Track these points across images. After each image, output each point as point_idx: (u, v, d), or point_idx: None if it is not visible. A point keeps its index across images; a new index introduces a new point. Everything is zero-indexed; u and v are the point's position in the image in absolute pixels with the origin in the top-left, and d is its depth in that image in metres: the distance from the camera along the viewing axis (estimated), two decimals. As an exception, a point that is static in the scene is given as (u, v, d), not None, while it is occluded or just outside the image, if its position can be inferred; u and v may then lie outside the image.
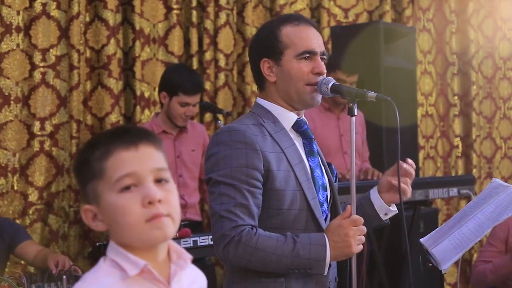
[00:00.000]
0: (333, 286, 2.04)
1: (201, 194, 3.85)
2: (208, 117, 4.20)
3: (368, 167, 4.07)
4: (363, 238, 1.93)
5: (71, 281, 2.68)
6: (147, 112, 4.06)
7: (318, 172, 2.03)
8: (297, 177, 1.96)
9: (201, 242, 3.14)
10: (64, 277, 2.70)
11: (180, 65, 3.98)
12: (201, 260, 3.18)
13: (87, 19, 3.89)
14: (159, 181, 1.30)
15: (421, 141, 5.09)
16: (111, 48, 3.86)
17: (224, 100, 4.28)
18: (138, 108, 4.01)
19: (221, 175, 1.91)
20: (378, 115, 4.18)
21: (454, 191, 3.71)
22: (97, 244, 3.24)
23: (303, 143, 2.05)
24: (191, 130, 3.80)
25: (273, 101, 2.05)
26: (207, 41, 4.21)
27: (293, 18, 2.07)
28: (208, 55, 4.22)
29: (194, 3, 4.20)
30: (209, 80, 4.22)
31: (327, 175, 2.08)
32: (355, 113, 2.00)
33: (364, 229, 1.92)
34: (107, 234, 3.48)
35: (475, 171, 5.30)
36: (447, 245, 2.36)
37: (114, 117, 3.88)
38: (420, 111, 5.06)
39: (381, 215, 2.08)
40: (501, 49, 5.62)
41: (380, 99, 1.98)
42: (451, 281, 5.02)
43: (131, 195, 1.27)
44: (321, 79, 2.02)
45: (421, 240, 2.45)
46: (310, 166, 2.02)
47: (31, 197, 3.66)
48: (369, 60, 4.13)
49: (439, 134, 5.27)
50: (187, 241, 3.11)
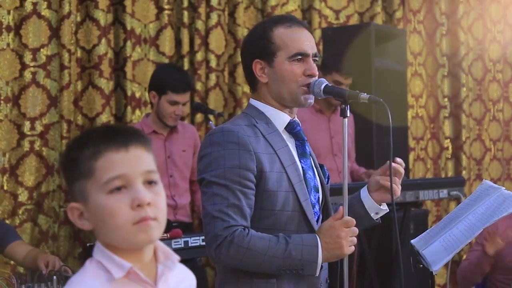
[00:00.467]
0: (324, 287, 2.04)
1: (191, 195, 3.85)
2: (199, 117, 4.20)
3: (356, 168, 4.09)
4: (355, 239, 1.93)
5: (62, 282, 2.67)
6: (138, 112, 4.05)
7: (310, 173, 2.04)
8: (289, 179, 1.96)
9: (192, 243, 3.14)
10: (54, 277, 2.69)
11: (168, 65, 3.98)
12: (192, 260, 3.17)
13: (78, 19, 3.87)
14: (148, 183, 1.30)
15: (411, 143, 5.11)
16: (102, 48, 3.85)
17: (215, 100, 4.28)
18: (129, 108, 4.00)
19: (214, 176, 1.91)
20: (368, 116, 4.19)
21: (444, 193, 3.73)
22: (88, 244, 3.23)
23: (295, 144, 2.06)
24: (182, 130, 3.79)
25: (266, 102, 2.05)
26: (198, 41, 4.21)
27: (286, 19, 2.07)
28: (199, 56, 4.22)
29: (185, 4, 4.19)
30: (200, 80, 4.22)
31: (319, 177, 2.09)
32: (348, 115, 2.01)
33: (356, 230, 1.93)
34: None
35: (464, 172, 5.32)
36: (438, 247, 2.37)
37: (105, 117, 3.87)
38: (410, 113, 5.08)
39: (372, 215, 2.09)
40: (490, 52, 5.65)
41: (372, 100, 1.98)
42: (440, 282, 5.04)
43: (120, 197, 1.27)
44: (314, 80, 2.02)
45: (412, 241, 2.46)
46: (302, 167, 2.02)
47: (21, 197, 3.64)
48: (360, 61, 4.14)
49: (429, 135, 5.29)
50: (178, 241, 3.11)
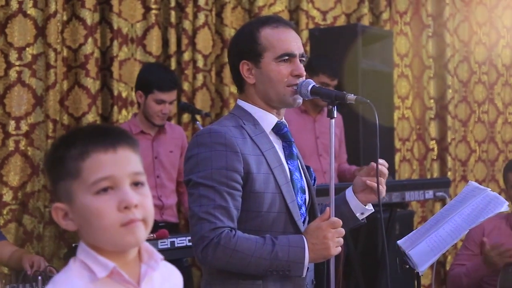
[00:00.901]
0: (310, 288, 2.05)
1: (178, 196, 3.84)
2: (186, 117, 4.19)
3: (347, 167, 4.10)
4: (342, 240, 1.94)
5: (47, 282, 2.65)
6: (124, 112, 4.04)
7: (297, 175, 2.04)
8: (276, 180, 1.96)
9: (178, 243, 3.14)
10: (39, 278, 2.68)
11: (154, 64, 3.97)
12: (178, 261, 3.16)
13: (64, 18, 3.85)
14: (135, 184, 1.29)
15: (398, 144, 5.13)
16: (89, 47, 3.83)
17: (202, 101, 4.27)
18: (115, 108, 3.99)
19: (201, 177, 1.90)
20: (355, 117, 4.21)
21: (430, 194, 3.75)
22: (73, 245, 3.21)
23: (282, 145, 2.06)
24: (169, 131, 3.78)
25: (253, 102, 2.05)
26: (185, 41, 4.20)
27: (272, 20, 2.07)
28: (186, 56, 4.21)
29: (172, 4, 4.18)
30: (187, 80, 4.21)
31: (305, 178, 2.09)
32: (335, 116, 2.01)
33: (342, 231, 1.93)
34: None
35: (450, 174, 5.35)
36: (424, 247, 2.38)
37: (91, 117, 3.85)
38: (396, 114, 5.10)
39: (357, 215, 2.10)
40: (476, 54, 5.68)
41: (359, 101, 1.99)
42: (425, 282, 5.06)
43: (107, 198, 1.26)
44: (301, 81, 2.02)
45: (398, 242, 2.47)
46: (289, 169, 2.02)
47: (5, 197, 3.61)
48: (346, 62, 4.16)
49: (415, 137, 5.32)
50: (165, 242, 3.10)
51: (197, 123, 3.86)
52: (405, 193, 3.64)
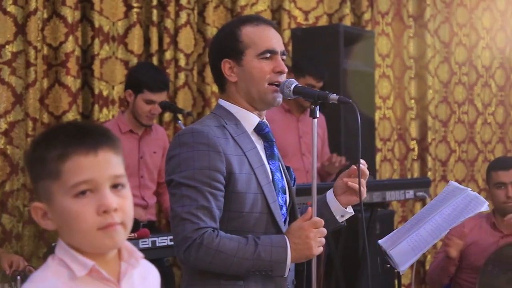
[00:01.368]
0: (290, 289, 2.04)
1: (157, 196, 3.82)
2: (167, 116, 4.17)
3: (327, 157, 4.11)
4: (324, 240, 1.94)
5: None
6: (105, 111, 4.01)
7: (278, 175, 2.04)
8: (258, 180, 1.96)
9: (159, 242, 3.12)
10: (18, 277, 2.65)
11: (146, 63, 3.96)
12: (159, 260, 3.15)
13: (45, 16, 3.82)
14: (115, 186, 1.28)
15: (379, 144, 5.15)
16: (69, 45, 3.80)
17: (184, 100, 4.26)
18: (96, 107, 3.96)
19: (183, 177, 1.89)
20: (337, 117, 4.22)
21: (410, 193, 3.77)
22: (53, 244, 3.17)
23: (264, 146, 2.05)
24: (154, 132, 3.77)
25: (235, 102, 2.04)
26: (167, 40, 4.19)
27: (253, 18, 2.08)
28: (168, 55, 4.20)
29: (154, 2, 4.16)
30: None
31: (285, 179, 2.09)
32: (317, 115, 2.02)
33: (324, 231, 1.93)
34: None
35: (430, 173, 5.38)
36: (405, 247, 2.39)
37: (71, 115, 3.82)
38: (378, 114, 5.13)
39: (337, 217, 2.10)
40: (456, 55, 5.73)
41: (342, 101, 1.99)
42: (405, 282, 5.10)
43: (86, 201, 1.25)
44: (284, 80, 2.03)
45: (380, 241, 2.48)
46: (270, 169, 2.02)
47: (-16, 196, 3.58)
48: (328, 62, 4.17)
49: (396, 137, 5.35)
50: (146, 241, 3.08)
51: (179, 122, 3.84)
52: (386, 193, 3.66)
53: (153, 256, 2.69)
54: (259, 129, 2.05)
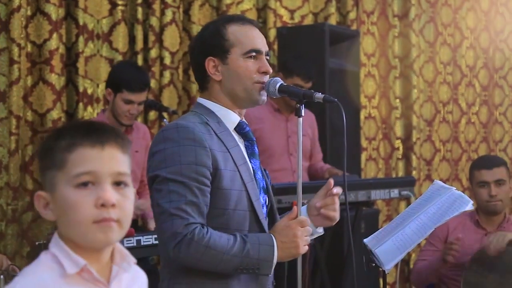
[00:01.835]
0: (270, 289, 2.03)
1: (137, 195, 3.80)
2: (152, 115, 4.16)
3: (321, 165, 4.12)
4: (309, 239, 1.94)
5: (9, 281, 2.60)
6: (90, 109, 3.99)
7: (259, 174, 2.04)
8: (242, 178, 1.95)
9: (144, 241, 3.11)
10: (1, 276, 2.63)
11: (127, 62, 3.93)
12: (144, 259, 3.14)
13: (29, 13, 3.79)
14: (118, 184, 1.29)
15: (364, 143, 5.17)
16: (54, 43, 3.77)
17: (169, 98, 4.25)
18: (80, 104, 3.93)
19: (170, 172, 1.87)
20: (322, 116, 4.23)
21: (395, 192, 3.79)
22: (37, 243, 3.16)
23: (245, 145, 2.05)
24: (135, 131, 3.74)
25: (216, 100, 2.03)
26: (152, 38, 4.17)
27: (238, 18, 2.08)
28: (153, 53, 4.18)
29: (139, 0, 4.14)
30: (154, 78, 4.17)
31: (265, 179, 2.09)
32: (302, 114, 2.02)
33: (310, 230, 1.94)
34: (48, 232, 3.38)
35: (414, 173, 5.41)
36: (390, 246, 2.40)
37: (55, 113, 3.80)
38: (363, 113, 5.14)
39: None
40: (441, 54, 5.76)
41: (327, 100, 2.00)
42: (389, 280, 5.12)
43: (86, 193, 1.27)
44: (269, 79, 2.03)
45: (365, 240, 2.48)
46: (252, 167, 2.02)
47: (-33, 194, 3.55)
48: (314, 61, 4.17)
49: (381, 136, 5.36)
50: (131, 240, 3.07)
51: (164, 120, 3.82)
52: (371, 192, 3.67)
53: (138, 255, 2.65)
54: (240, 128, 2.04)
